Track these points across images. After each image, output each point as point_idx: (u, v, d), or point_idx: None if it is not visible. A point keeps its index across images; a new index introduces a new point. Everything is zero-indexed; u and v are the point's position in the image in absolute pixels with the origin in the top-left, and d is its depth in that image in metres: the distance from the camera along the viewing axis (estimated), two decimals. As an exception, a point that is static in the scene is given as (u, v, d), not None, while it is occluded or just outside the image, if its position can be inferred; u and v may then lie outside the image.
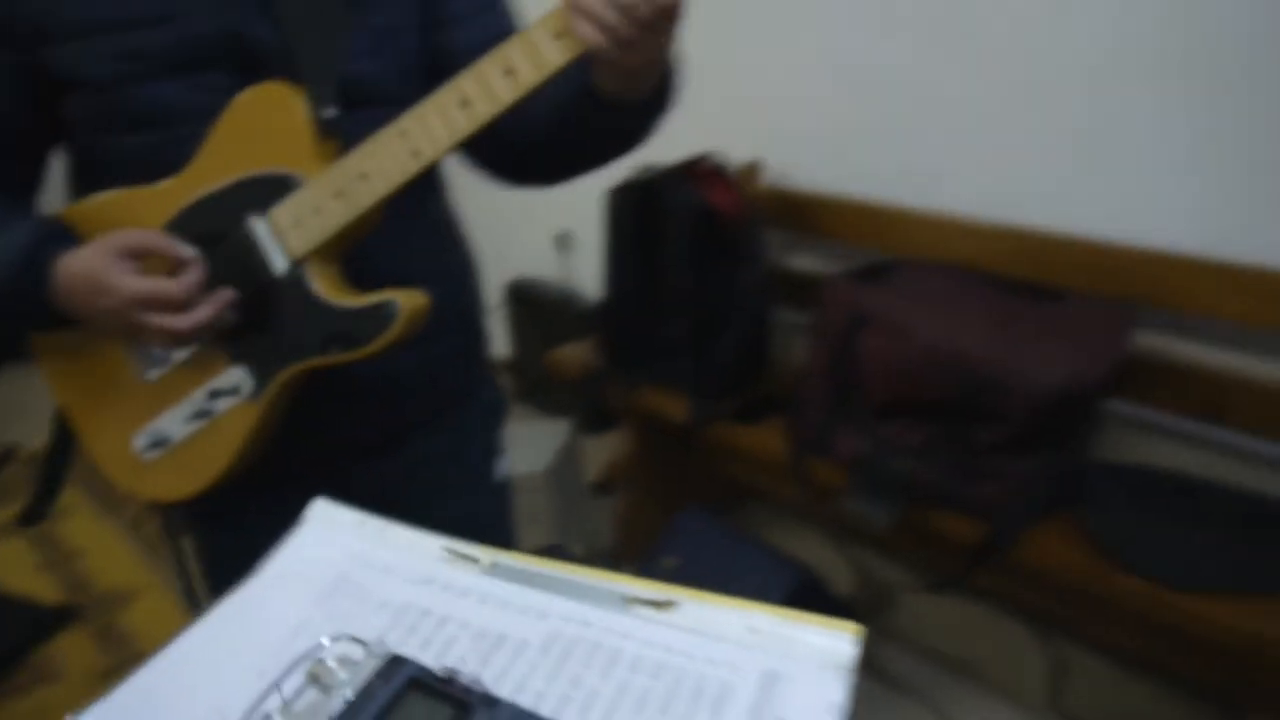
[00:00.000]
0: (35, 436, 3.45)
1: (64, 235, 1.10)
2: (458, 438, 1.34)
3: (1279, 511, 1.73)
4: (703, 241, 2.19)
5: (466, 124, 1.01)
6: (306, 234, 1.06)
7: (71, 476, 1.32)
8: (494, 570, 0.64)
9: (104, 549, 2.95)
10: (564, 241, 3.28)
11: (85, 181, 1.15)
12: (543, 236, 3.30)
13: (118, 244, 1.05)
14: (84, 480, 2.97)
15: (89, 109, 1.09)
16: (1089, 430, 1.91)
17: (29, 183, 1.19)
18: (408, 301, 1.06)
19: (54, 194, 1.20)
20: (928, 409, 1.85)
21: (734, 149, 2.40)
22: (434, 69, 1.16)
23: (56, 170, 1.20)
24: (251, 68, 1.07)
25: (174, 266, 1.07)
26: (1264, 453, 1.87)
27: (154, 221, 1.10)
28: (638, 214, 2.25)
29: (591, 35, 0.93)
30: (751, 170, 2.51)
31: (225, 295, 1.08)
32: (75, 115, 1.11)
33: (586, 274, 3.17)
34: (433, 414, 1.30)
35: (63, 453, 1.30)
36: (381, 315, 1.06)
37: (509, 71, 0.98)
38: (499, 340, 3.54)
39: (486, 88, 0.99)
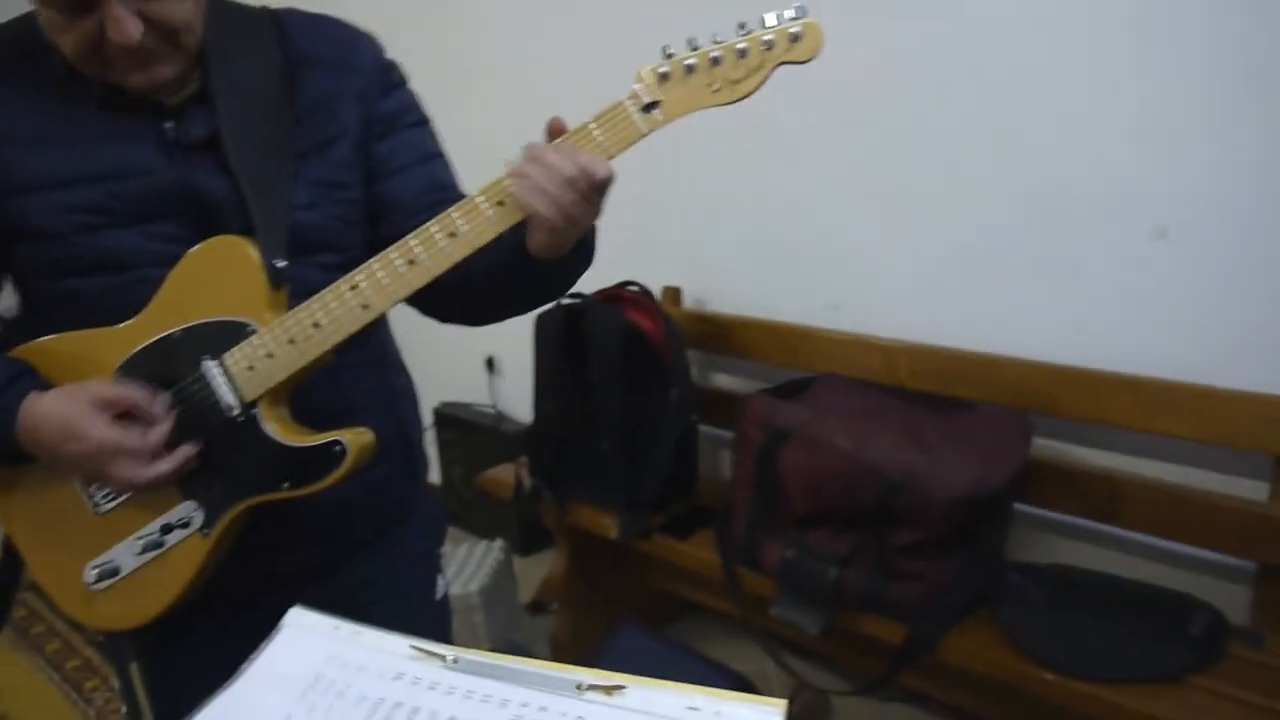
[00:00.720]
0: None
1: (30, 376, 1.15)
2: (399, 558, 1.38)
3: (1177, 603, 1.85)
4: (629, 363, 2.30)
5: (413, 280, 1.10)
6: (259, 378, 1.13)
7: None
8: (457, 665, 0.70)
9: (19, 688, 2.87)
10: (493, 366, 3.36)
11: (37, 318, 1.20)
12: (472, 361, 3.39)
13: (95, 395, 1.10)
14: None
15: (44, 256, 1.14)
16: (1000, 532, 2.03)
17: None
18: (355, 440, 1.13)
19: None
20: (848, 517, 1.94)
21: (655, 276, 2.54)
22: (375, 216, 1.26)
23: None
24: (204, 218, 1.15)
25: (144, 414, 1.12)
26: (1159, 548, 2.00)
27: (111, 362, 1.15)
28: (566, 338, 2.35)
29: (534, 203, 1.03)
30: (672, 295, 2.65)
31: (188, 451, 1.13)
32: (29, 261, 1.16)
33: (514, 397, 3.25)
34: (375, 535, 1.34)
35: (10, 580, 1.32)
36: (331, 454, 1.12)
37: (453, 234, 1.07)
38: (430, 464, 3.58)
39: (432, 248, 1.08)
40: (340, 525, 1.29)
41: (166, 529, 1.17)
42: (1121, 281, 1.98)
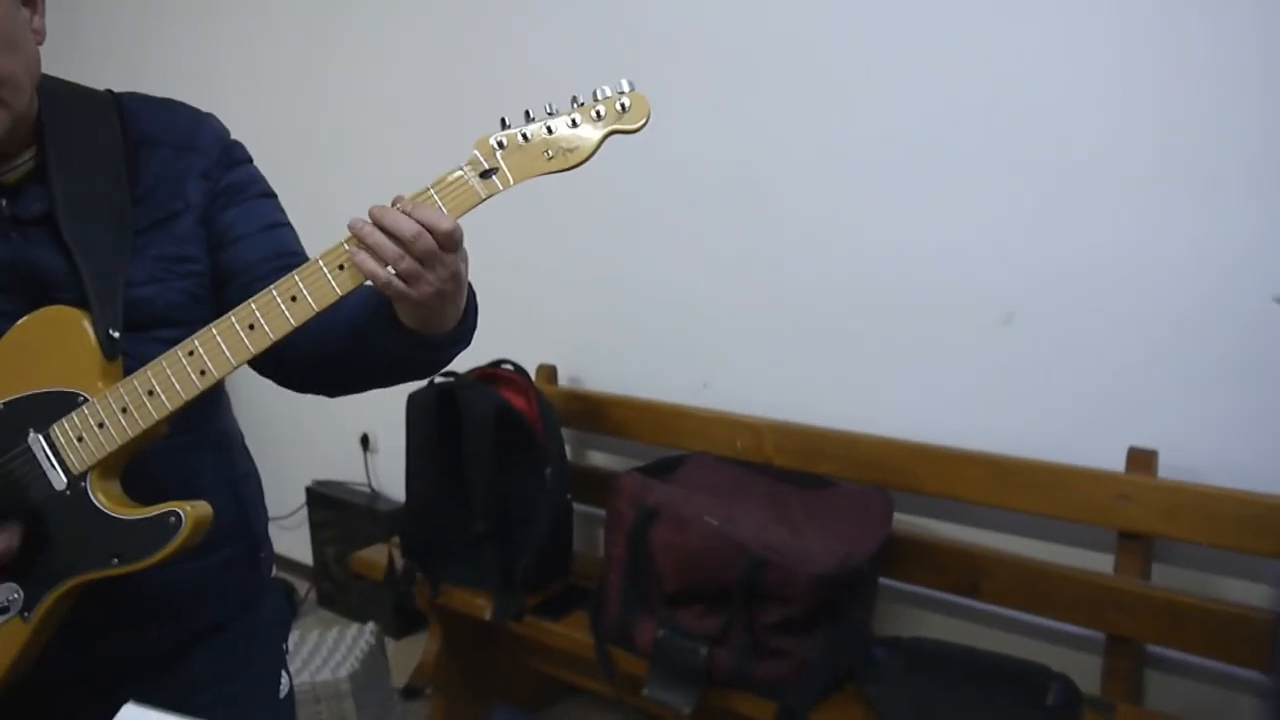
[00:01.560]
0: None
1: None
2: (240, 653, 1.33)
3: (1034, 674, 1.90)
4: (503, 441, 2.28)
5: (253, 345, 1.07)
6: (88, 449, 1.09)
7: None
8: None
9: None
10: (368, 443, 3.31)
11: None
12: (347, 438, 3.32)
13: None
14: None
15: None
16: (865, 607, 2.07)
17: None
18: (192, 512, 1.08)
19: None
20: (718, 595, 1.96)
21: (529, 355, 2.54)
22: (220, 284, 1.24)
23: None
24: (38, 293, 1.12)
25: None
26: (1016, 620, 2.07)
27: None
28: (439, 417, 2.33)
29: (370, 267, 1.02)
30: (547, 373, 2.66)
31: (10, 536, 1.08)
32: None
33: (390, 476, 3.20)
34: (214, 627, 1.29)
35: None
36: (165, 526, 1.08)
37: (294, 298, 1.06)
38: (300, 545, 3.48)
39: (273, 312, 1.06)
40: (175, 615, 1.23)
41: None
42: (973, 362, 2.07)
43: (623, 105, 1.06)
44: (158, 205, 1.20)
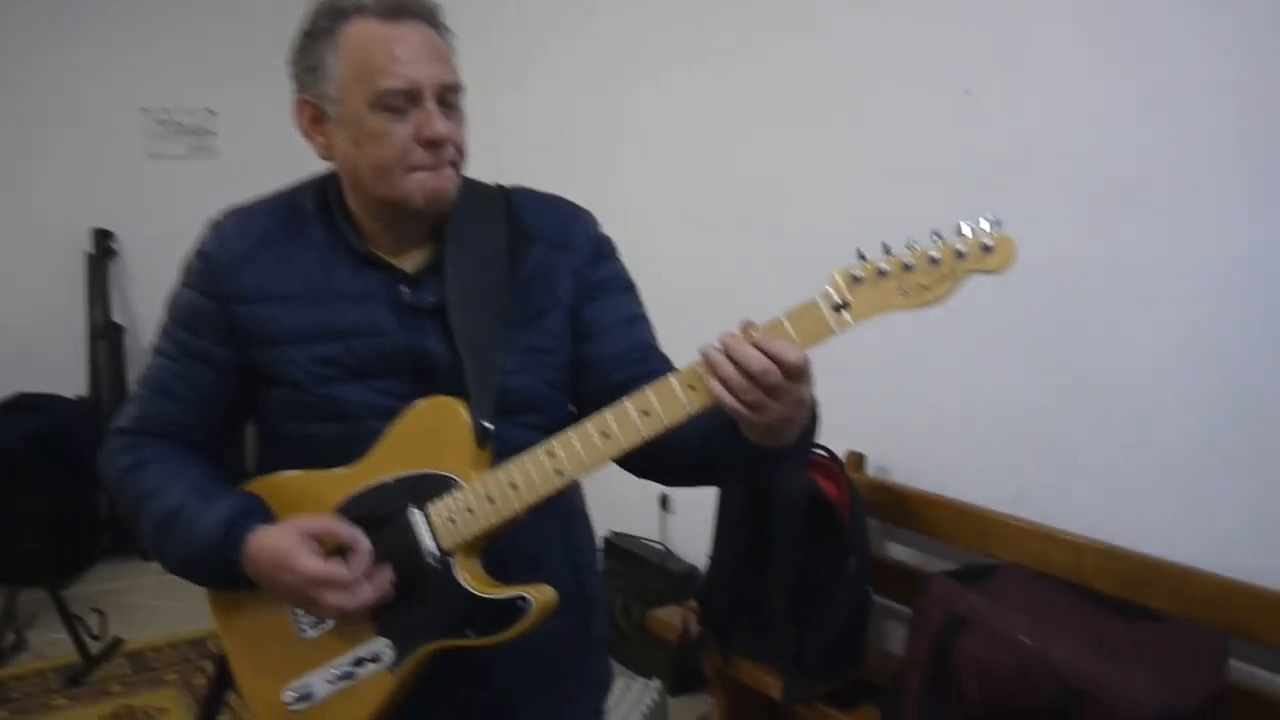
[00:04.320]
0: (139, 633, 3.62)
1: (260, 510, 1.30)
2: (565, 711, 1.45)
3: None
4: (810, 524, 2.32)
5: (606, 451, 1.18)
6: (458, 530, 1.23)
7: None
8: None
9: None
10: (666, 504, 3.43)
11: (272, 454, 1.37)
12: (646, 497, 3.45)
13: (304, 528, 1.23)
14: None
15: (285, 402, 1.31)
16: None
17: (222, 447, 1.41)
18: (540, 597, 1.21)
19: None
20: (1020, 715, 1.89)
21: (839, 440, 2.56)
22: (579, 371, 1.37)
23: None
24: (423, 377, 1.29)
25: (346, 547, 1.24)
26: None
27: (331, 500, 1.29)
28: (751, 492, 2.40)
29: (719, 392, 1.08)
30: (855, 461, 2.67)
31: (386, 577, 1.23)
32: (272, 406, 1.34)
33: (683, 538, 3.30)
34: (544, 687, 1.40)
35: (220, 693, 1.45)
36: (515, 608, 1.21)
37: (647, 412, 1.15)
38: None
39: (626, 423, 1.16)
40: (513, 674, 1.35)
41: (359, 662, 1.27)
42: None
43: (986, 245, 1.05)
44: (533, 299, 1.33)
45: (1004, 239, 1.05)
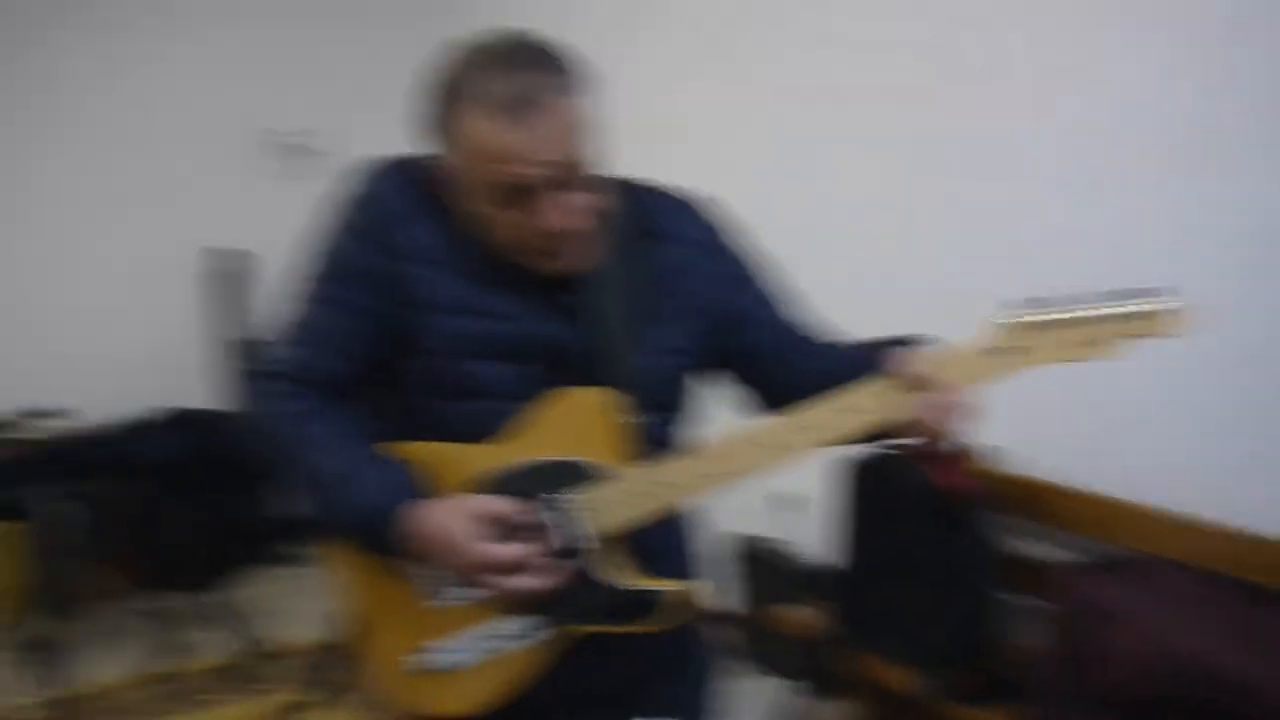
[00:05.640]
0: (284, 633, 3.78)
1: (421, 483, 1.31)
2: (680, 694, 1.49)
3: None
4: (940, 519, 2.30)
5: (757, 461, 1.25)
6: (609, 519, 1.28)
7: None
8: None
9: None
10: (790, 501, 3.41)
11: (398, 426, 1.37)
12: (757, 495, 3.45)
13: (477, 509, 1.26)
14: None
15: (423, 372, 1.34)
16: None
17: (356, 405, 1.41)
18: (672, 590, 1.27)
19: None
20: (1168, 709, 1.85)
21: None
22: (745, 362, 1.43)
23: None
24: (559, 367, 1.33)
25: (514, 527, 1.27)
26: None
27: (463, 477, 1.31)
28: (881, 485, 2.39)
29: (904, 422, 1.20)
30: (985, 454, 2.62)
31: (566, 570, 1.27)
32: (409, 375, 1.35)
33: (809, 535, 3.28)
34: (663, 670, 1.45)
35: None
36: (647, 602, 1.27)
37: (805, 428, 1.23)
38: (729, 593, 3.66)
39: (779, 442, 1.24)
40: (628, 658, 1.39)
41: (496, 635, 1.31)
42: None
43: (1159, 312, 1.08)
44: (666, 298, 1.38)
45: (1177, 315, 1.09)
